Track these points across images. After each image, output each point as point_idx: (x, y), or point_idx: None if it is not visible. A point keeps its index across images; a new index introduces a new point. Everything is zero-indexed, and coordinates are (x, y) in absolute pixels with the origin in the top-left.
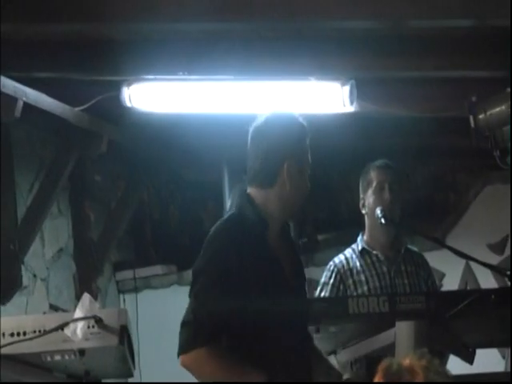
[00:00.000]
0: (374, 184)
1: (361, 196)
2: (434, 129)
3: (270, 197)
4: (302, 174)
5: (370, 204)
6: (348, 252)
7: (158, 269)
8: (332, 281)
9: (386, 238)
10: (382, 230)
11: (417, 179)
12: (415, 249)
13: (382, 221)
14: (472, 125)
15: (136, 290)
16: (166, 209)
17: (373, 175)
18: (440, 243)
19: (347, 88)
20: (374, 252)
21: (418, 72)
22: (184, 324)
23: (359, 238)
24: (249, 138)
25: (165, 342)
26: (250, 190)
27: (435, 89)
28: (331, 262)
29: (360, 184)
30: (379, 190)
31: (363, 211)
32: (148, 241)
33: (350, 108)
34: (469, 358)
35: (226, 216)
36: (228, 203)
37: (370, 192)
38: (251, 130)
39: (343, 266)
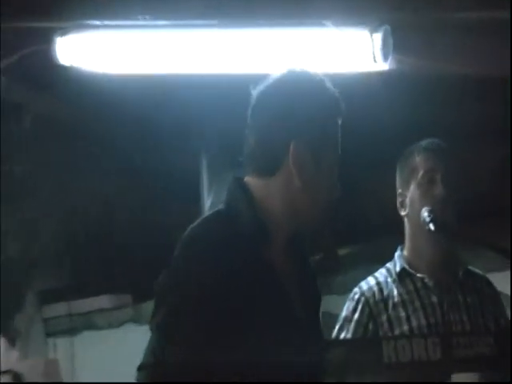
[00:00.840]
0: (421, 174)
1: (399, 191)
2: (505, 94)
3: (271, 189)
4: (319, 162)
5: (414, 202)
6: (381, 274)
7: (104, 300)
8: (357, 316)
9: (437, 253)
10: (431, 241)
11: (481, 168)
12: (479, 271)
13: (431, 227)
14: None
15: (72, 331)
16: (116, 213)
17: (418, 161)
18: None
19: (379, 36)
20: (419, 275)
21: (476, 14)
22: (141, 367)
23: (397, 254)
24: (250, 105)
25: None
26: (247, 178)
27: (503, 39)
28: (356, 289)
29: (397, 174)
30: (427, 183)
31: (402, 213)
32: (90, 260)
33: (383, 65)
34: None
35: (208, 213)
36: (208, 202)
37: (413, 185)
38: (254, 93)
39: (374, 295)
